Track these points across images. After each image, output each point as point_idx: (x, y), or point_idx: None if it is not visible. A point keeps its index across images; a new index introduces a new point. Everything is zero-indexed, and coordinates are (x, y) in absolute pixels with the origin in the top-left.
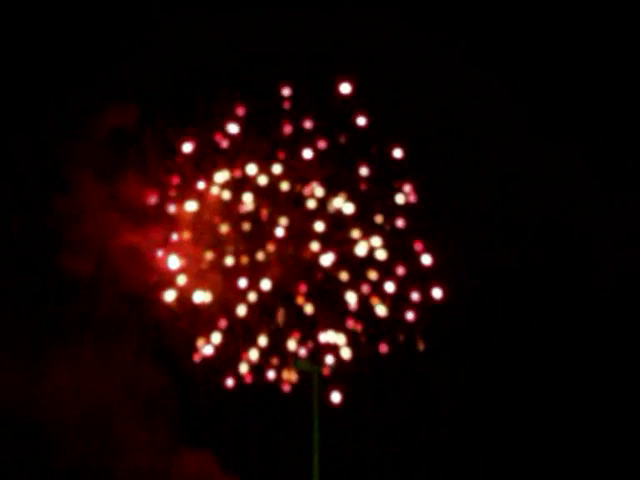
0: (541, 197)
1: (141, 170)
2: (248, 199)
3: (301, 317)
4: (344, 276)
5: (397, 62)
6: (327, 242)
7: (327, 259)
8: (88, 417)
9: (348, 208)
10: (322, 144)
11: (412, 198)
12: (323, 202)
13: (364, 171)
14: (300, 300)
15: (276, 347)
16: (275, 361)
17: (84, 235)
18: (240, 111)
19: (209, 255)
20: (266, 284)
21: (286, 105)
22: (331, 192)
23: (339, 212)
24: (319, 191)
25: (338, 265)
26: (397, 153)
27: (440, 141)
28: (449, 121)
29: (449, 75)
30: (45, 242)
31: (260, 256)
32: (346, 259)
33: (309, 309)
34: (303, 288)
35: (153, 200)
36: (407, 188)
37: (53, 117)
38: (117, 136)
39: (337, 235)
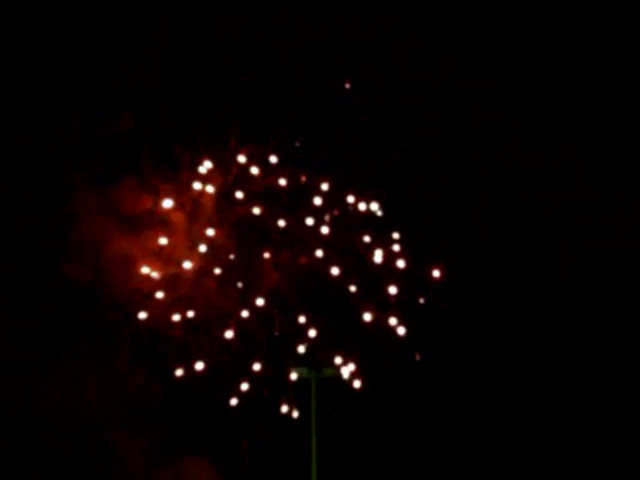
0: (541, 197)
1: (137, 176)
2: (240, 196)
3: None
4: (353, 289)
5: (397, 62)
6: (333, 248)
7: (335, 270)
8: (83, 425)
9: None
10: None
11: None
12: (329, 200)
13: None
14: (302, 319)
15: (274, 375)
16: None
17: (80, 242)
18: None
19: (188, 265)
20: (260, 301)
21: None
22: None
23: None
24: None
25: (346, 276)
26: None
27: (440, 142)
28: (449, 121)
29: (449, 75)
30: (41, 248)
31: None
32: (355, 269)
33: (312, 333)
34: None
35: (149, 206)
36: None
37: (51, 120)
38: (114, 141)
39: (345, 240)
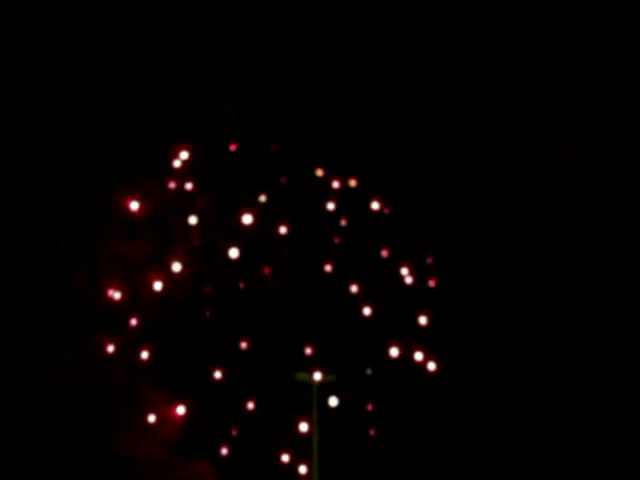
0: (541, 197)
1: (134, 182)
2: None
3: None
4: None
5: (397, 62)
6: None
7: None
8: (85, 427)
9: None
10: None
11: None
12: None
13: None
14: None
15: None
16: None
17: (79, 250)
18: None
19: (158, 285)
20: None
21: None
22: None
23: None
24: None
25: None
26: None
27: (440, 142)
28: (449, 121)
29: (449, 75)
30: (39, 256)
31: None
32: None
33: (318, 377)
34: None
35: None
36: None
37: (48, 123)
38: (111, 146)
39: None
